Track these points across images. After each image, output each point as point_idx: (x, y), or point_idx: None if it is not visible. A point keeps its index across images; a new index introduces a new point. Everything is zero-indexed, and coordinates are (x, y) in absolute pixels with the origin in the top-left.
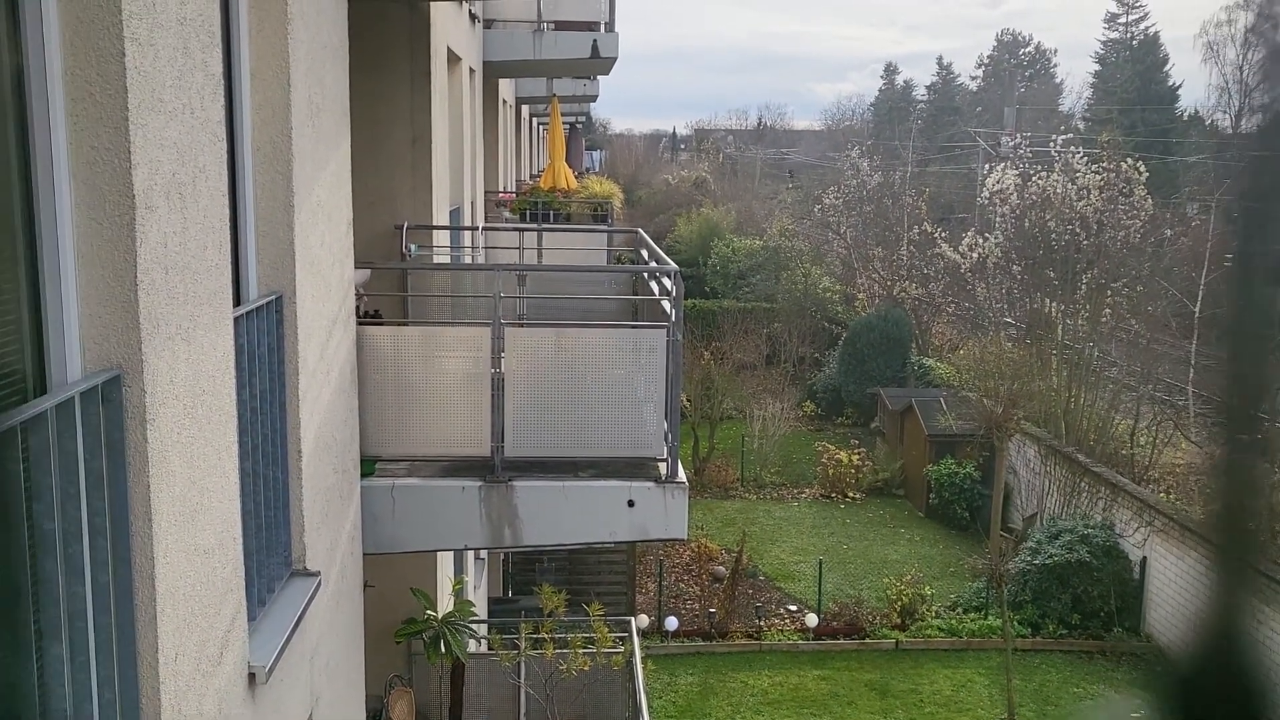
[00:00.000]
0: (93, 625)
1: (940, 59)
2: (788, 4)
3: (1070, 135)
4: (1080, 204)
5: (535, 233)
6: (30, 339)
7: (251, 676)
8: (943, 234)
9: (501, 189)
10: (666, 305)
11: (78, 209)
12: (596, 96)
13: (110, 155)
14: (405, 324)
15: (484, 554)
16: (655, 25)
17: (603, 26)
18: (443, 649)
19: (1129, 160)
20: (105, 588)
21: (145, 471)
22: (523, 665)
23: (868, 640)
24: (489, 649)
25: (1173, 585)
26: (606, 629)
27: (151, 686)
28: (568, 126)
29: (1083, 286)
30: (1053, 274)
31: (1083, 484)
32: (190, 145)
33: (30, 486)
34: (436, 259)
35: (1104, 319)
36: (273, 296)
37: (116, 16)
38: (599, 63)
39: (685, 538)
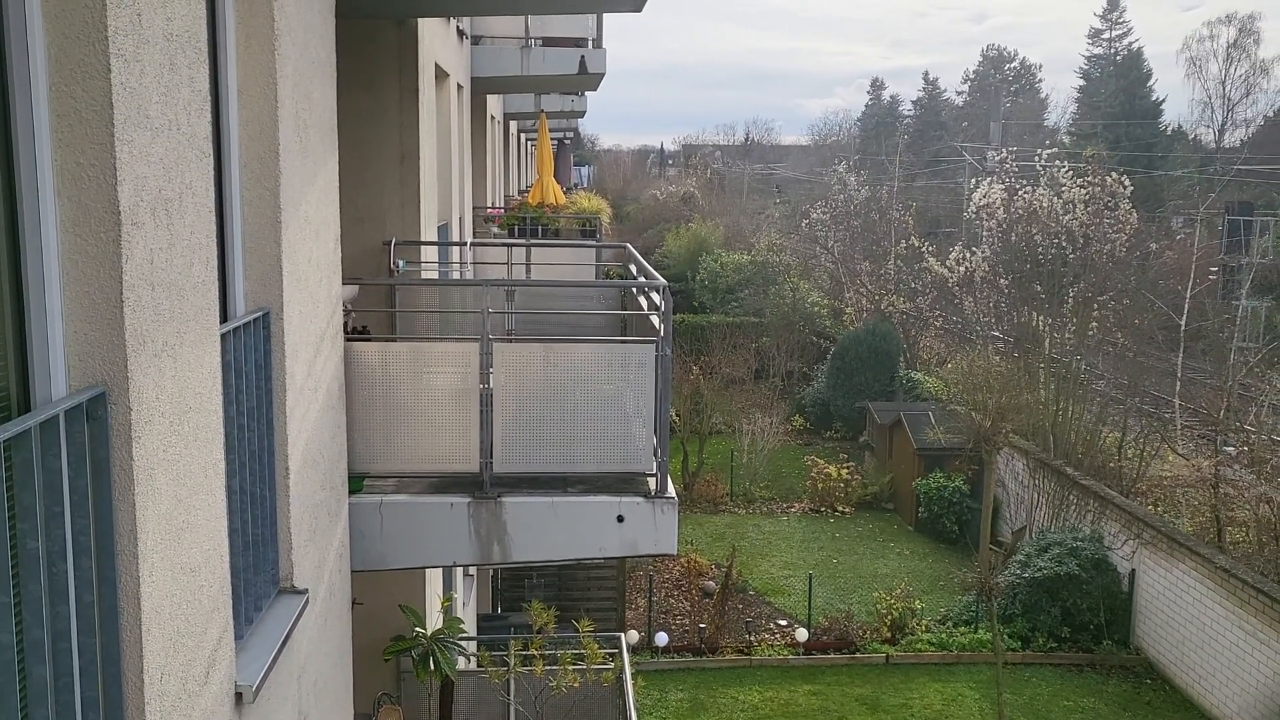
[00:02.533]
0: (77, 645)
1: (926, 74)
2: (775, 21)
3: (1055, 149)
4: (1066, 218)
5: (524, 248)
6: (14, 356)
7: (238, 696)
8: (930, 248)
9: (490, 204)
10: (655, 320)
11: (63, 225)
12: (584, 112)
13: (95, 171)
14: (393, 340)
15: (473, 570)
16: (643, 42)
17: (590, 43)
18: (432, 666)
19: (1114, 174)
20: (90, 607)
21: (130, 489)
22: (512, 682)
23: (858, 654)
24: (478, 666)
25: (1162, 598)
26: (596, 645)
27: (136, 707)
28: (556, 142)
29: (1069, 300)
30: (1039, 287)
31: (1071, 497)
32: (177, 161)
33: (14, 505)
34: (425, 275)
35: (1091, 332)
36: (260, 313)
37: (102, 32)
38: (587, 78)
39: (675, 553)
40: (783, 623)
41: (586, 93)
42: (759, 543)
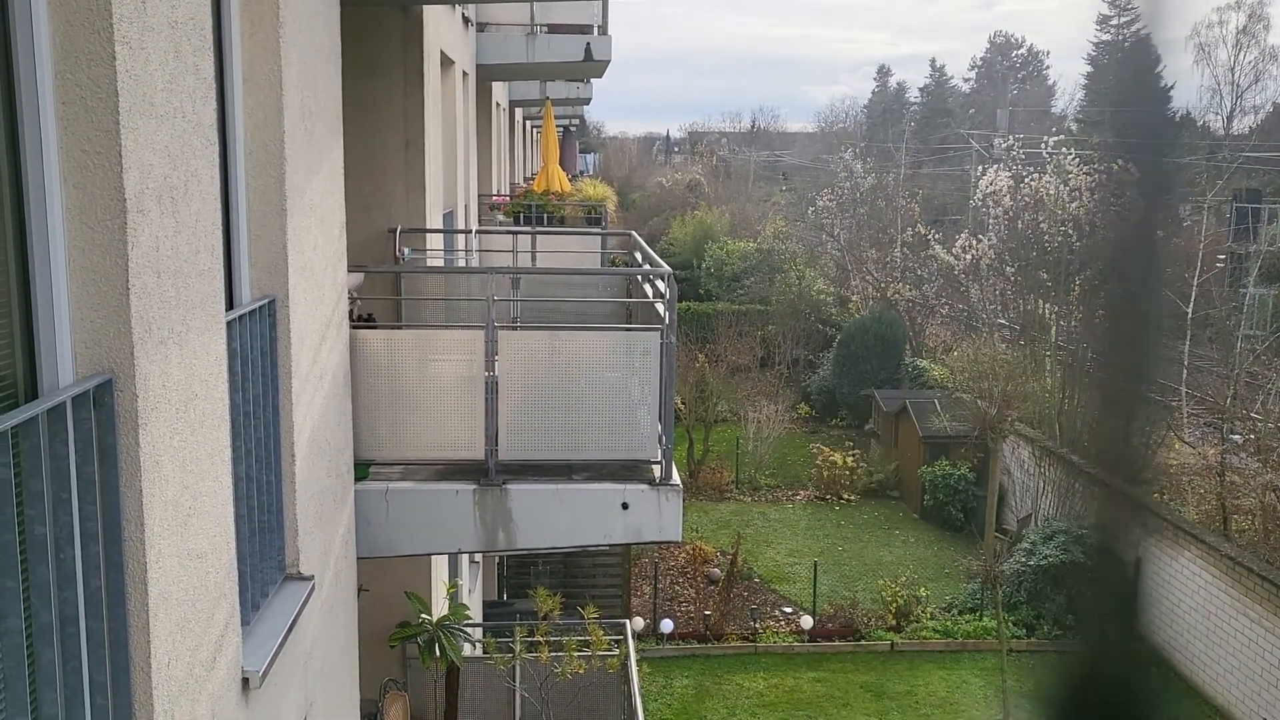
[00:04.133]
0: (85, 630)
1: (933, 61)
2: (781, 8)
3: (1062, 137)
4: (1073, 205)
5: (529, 236)
6: (21, 343)
7: (245, 681)
8: (936, 236)
9: (495, 192)
10: (660, 308)
11: (69, 213)
12: (590, 99)
13: (101, 159)
14: (399, 327)
15: (479, 557)
16: (648, 29)
17: (595, 30)
18: (437, 653)
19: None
20: (97, 593)
21: (137, 476)
22: (518, 669)
23: (863, 642)
24: (484, 653)
25: (1167, 586)
26: (601, 632)
27: (144, 692)
28: (561, 129)
29: (1076, 287)
30: (1046, 275)
31: (1077, 485)
32: (182, 149)
33: (21, 491)
34: (430, 262)
35: (1097, 320)
36: (266, 300)
37: (107, 20)
38: (592, 65)
39: (680, 540)
40: (788, 610)
41: (592, 80)
42: (764, 530)
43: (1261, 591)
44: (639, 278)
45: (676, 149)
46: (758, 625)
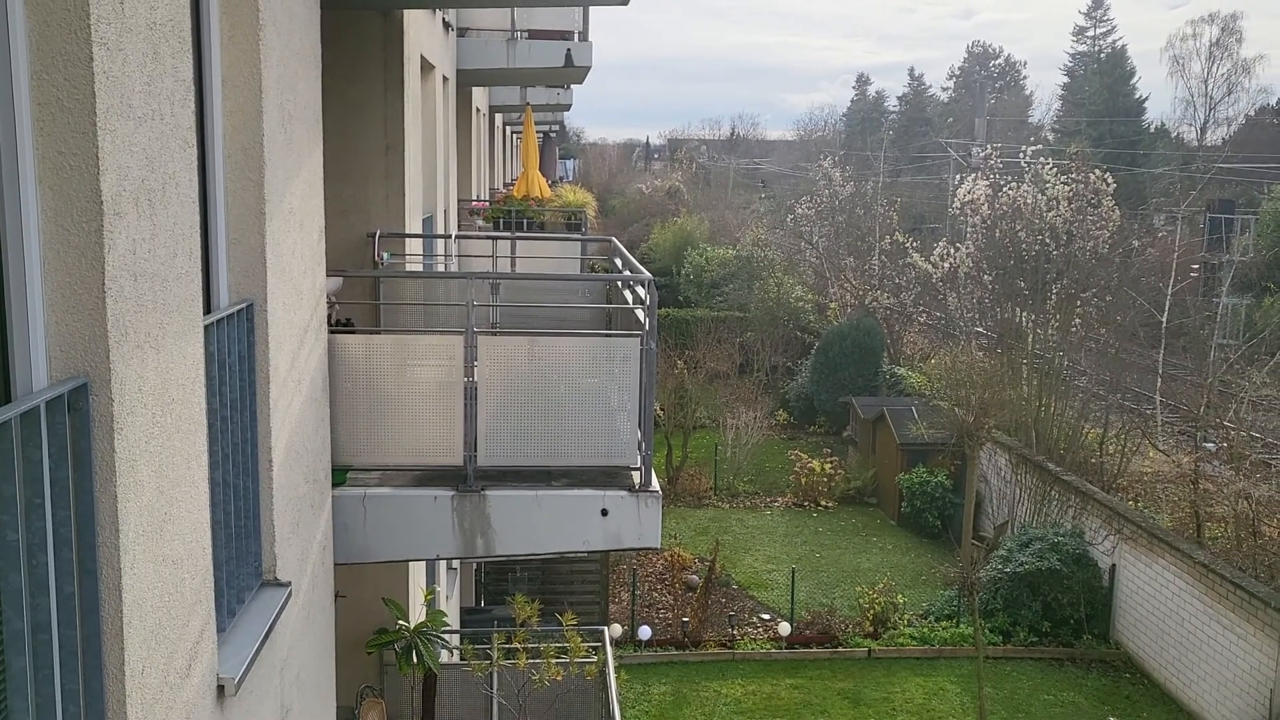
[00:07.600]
0: (57, 638)
1: (912, 70)
2: (761, 14)
3: (1039, 146)
4: (1050, 214)
5: (509, 241)
6: None
7: (220, 689)
8: (914, 244)
9: (475, 197)
10: (640, 314)
11: (45, 215)
12: (570, 105)
13: (78, 161)
14: (377, 332)
15: (456, 564)
16: (629, 36)
17: (576, 36)
18: (415, 659)
19: (1097, 171)
20: (71, 599)
21: (112, 481)
22: (495, 675)
23: (840, 649)
24: (461, 659)
25: (1141, 592)
26: (579, 638)
27: (118, 700)
28: (541, 135)
29: (1052, 296)
30: (1023, 284)
31: (1053, 492)
32: (160, 151)
33: None
34: (409, 267)
35: (1073, 328)
36: (244, 304)
37: (84, 20)
38: (572, 71)
39: (658, 547)
40: (765, 617)
41: (572, 86)
42: (742, 537)
43: (1233, 599)
44: (619, 284)
45: (656, 155)
46: (735, 632)
